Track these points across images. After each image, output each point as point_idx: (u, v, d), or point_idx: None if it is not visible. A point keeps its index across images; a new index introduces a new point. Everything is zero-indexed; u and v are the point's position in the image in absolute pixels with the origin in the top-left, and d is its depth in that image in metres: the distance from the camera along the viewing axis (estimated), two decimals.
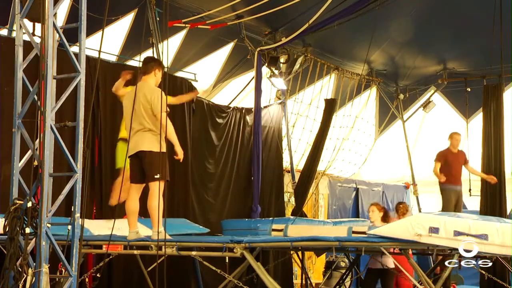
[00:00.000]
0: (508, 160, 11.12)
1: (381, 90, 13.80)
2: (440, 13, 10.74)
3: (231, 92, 11.53)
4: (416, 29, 11.25)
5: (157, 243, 5.46)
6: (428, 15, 10.80)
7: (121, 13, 9.00)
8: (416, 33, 11.41)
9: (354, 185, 13.41)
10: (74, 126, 4.39)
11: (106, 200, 8.00)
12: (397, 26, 11.30)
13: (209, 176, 9.89)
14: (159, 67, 6.15)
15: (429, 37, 11.58)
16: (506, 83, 12.04)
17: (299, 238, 5.84)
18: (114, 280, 7.77)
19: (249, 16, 9.91)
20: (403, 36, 11.69)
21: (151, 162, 5.89)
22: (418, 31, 11.33)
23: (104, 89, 8.15)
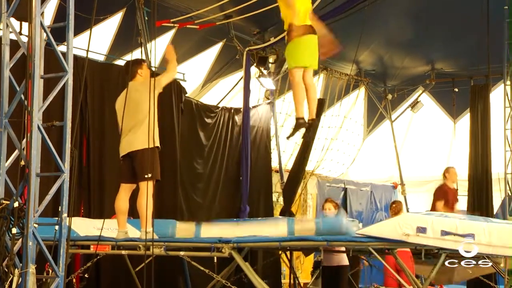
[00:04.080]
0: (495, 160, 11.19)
1: (370, 90, 13.85)
2: (429, 14, 10.80)
3: (220, 92, 11.52)
4: (405, 29, 11.30)
5: (145, 243, 5.45)
6: (417, 16, 10.86)
7: (109, 13, 8.96)
8: (404, 33, 11.46)
9: (343, 185, 13.45)
10: (62, 125, 4.37)
11: (93, 200, 7.99)
12: (385, 26, 11.34)
13: (197, 176, 9.88)
14: (140, 66, 6.17)
15: (417, 38, 11.64)
16: (493, 83, 12.13)
17: (288, 238, 5.85)
18: (102, 281, 7.75)
19: (238, 16, 9.90)
20: (391, 36, 11.74)
21: (142, 161, 5.89)
22: (406, 32, 11.39)
23: (92, 88, 8.13)
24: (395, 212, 9.59)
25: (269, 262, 9.94)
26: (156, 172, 5.96)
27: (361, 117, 14.20)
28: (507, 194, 10.14)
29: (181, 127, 9.38)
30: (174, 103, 9.17)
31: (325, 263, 8.33)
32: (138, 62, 6.36)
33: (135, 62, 6.45)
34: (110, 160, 7.88)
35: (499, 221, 7.36)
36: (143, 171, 5.86)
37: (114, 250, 6.03)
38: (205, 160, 10.01)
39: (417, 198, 14.34)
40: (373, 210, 14.17)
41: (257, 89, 11.43)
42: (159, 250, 5.77)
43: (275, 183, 11.44)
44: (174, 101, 9.18)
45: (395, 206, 10.01)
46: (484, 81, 12.16)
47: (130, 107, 5.82)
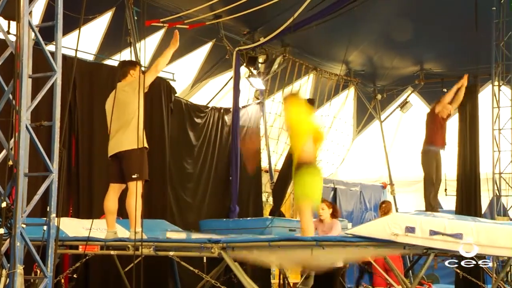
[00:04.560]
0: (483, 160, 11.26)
1: (359, 90, 13.89)
2: (418, 15, 10.85)
3: (210, 92, 11.51)
4: (394, 30, 11.34)
5: (134, 243, 5.43)
6: (406, 16, 10.90)
7: (98, 12, 8.93)
8: (394, 34, 11.50)
9: (332, 185, 13.46)
10: (50, 125, 4.35)
11: (82, 200, 7.96)
12: (375, 27, 11.39)
13: (187, 176, 9.86)
14: (133, 67, 6.16)
15: (406, 39, 11.69)
16: (481, 84, 12.20)
17: (277, 238, 5.85)
18: (91, 281, 7.72)
19: (228, 16, 9.90)
20: (381, 37, 11.78)
21: (129, 162, 5.89)
22: (396, 32, 11.43)
23: (81, 88, 8.10)
24: (385, 212, 9.63)
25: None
26: (145, 172, 5.96)
27: (350, 117, 14.24)
28: (495, 194, 10.20)
29: (171, 127, 9.36)
30: (163, 103, 9.15)
31: None
32: (132, 63, 6.36)
33: (129, 62, 6.45)
34: (99, 160, 7.85)
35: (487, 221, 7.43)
36: (131, 171, 5.86)
37: (103, 251, 6.00)
38: (194, 160, 10.00)
39: (406, 198, 14.40)
40: (362, 210, 14.21)
41: (246, 89, 11.43)
42: (148, 250, 5.76)
43: (264, 183, 11.44)
44: (163, 101, 9.16)
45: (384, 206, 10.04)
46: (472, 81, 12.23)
47: (117, 108, 5.82)
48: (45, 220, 4.30)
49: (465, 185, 11.36)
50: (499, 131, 10.27)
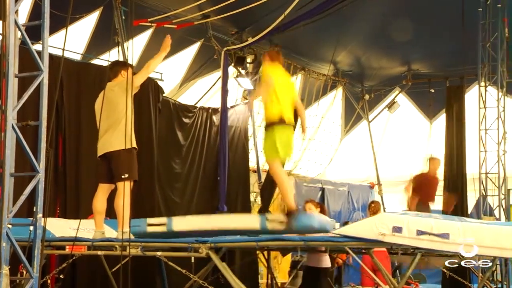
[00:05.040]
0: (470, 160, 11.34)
1: (347, 90, 13.94)
2: (406, 16, 10.90)
3: (198, 92, 11.50)
4: (382, 30, 11.40)
5: (121, 244, 5.41)
6: (394, 17, 10.95)
7: (86, 11, 8.90)
8: (381, 34, 11.55)
9: (320, 185, 13.50)
10: (37, 125, 4.33)
11: (69, 200, 7.92)
12: (363, 27, 11.43)
13: (175, 176, 9.84)
14: (125, 68, 6.13)
15: (394, 39, 11.74)
16: (468, 84, 12.29)
17: (265, 238, 5.85)
18: (78, 281, 7.68)
19: (216, 16, 9.90)
20: (369, 37, 11.83)
21: (119, 162, 5.87)
22: (383, 33, 11.48)
23: (68, 88, 8.06)
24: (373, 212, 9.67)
25: (246, 262, 9.96)
26: (134, 172, 5.94)
27: (338, 117, 14.28)
28: (482, 194, 10.26)
29: (159, 127, 9.33)
30: (151, 103, 9.13)
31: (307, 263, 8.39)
32: (124, 64, 6.33)
33: (121, 63, 6.42)
34: (86, 160, 7.82)
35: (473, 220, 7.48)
36: (120, 171, 5.84)
37: (90, 251, 5.98)
38: (183, 160, 9.99)
39: (394, 198, 14.46)
40: (350, 210, 14.26)
41: (235, 89, 11.43)
42: (136, 251, 5.74)
43: (252, 183, 11.45)
44: (151, 100, 9.13)
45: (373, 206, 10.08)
46: (459, 82, 12.32)
47: (106, 108, 5.80)
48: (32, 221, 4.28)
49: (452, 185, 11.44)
50: (486, 132, 10.33)
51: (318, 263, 8.14)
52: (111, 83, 6.07)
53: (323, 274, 8.20)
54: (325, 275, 8.26)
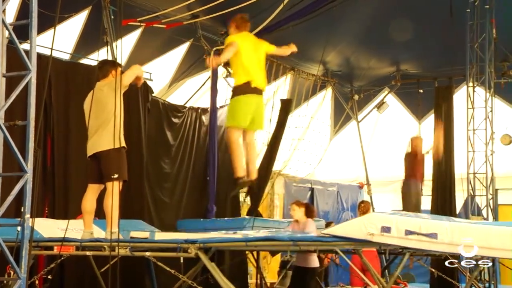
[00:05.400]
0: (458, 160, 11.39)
1: (336, 90, 13.96)
2: (394, 16, 10.94)
3: (187, 92, 11.48)
4: (371, 31, 11.43)
5: (110, 244, 5.39)
6: (383, 17, 10.99)
7: (74, 11, 8.86)
8: (370, 35, 11.59)
9: (310, 185, 13.52)
10: (25, 125, 4.30)
11: (58, 200, 7.88)
12: (352, 27, 11.46)
13: (164, 176, 9.82)
14: (115, 68, 6.10)
15: (383, 39, 11.79)
16: (456, 85, 12.35)
17: (254, 238, 5.86)
18: (66, 282, 7.65)
19: (205, 15, 9.88)
20: (358, 37, 11.86)
21: (108, 162, 5.85)
22: (372, 33, 11.52)
23: (57, 87, 8.02)
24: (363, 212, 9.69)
25: (236, 262, 9.94)
26: (123, 172, 5.92)
27: (328, 118, 14.30)
28: (470, 194, 10.32)
29: (148, 127, 9.31)
30: (140, 102, 9.11)
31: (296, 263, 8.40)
32: (114, 63, 6.30)
33: (110, 62, 6.39)
34: (75, 160, 7.79)
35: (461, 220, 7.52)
36: (109, 171, 5.82)
37: (78, 251, 5.95)
38: (172, 160, 9.97)
39: (383, 197, 14.52)
40: (339, 210, 14.30)
41: (224, 89, 11.41)
42: (125, 251, 5.72)
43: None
44: (140, 100, 9.11)
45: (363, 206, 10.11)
46: (447, 82, 12.38)
47: (95, 107, 5.78)
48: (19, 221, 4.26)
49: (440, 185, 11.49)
50: (474, 132, 10.39)
51: (307, 263, 8.16)
52: (100, 82, 6.05)
53: (311, 274, 8.22)
54: (313, 275, 8.28)
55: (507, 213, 12.02)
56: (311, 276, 8.22)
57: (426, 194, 12.20)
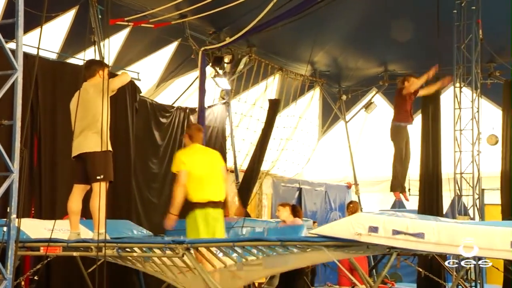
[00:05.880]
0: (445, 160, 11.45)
1: (324, 91, 14.00)
2: (382, 17, 10.98)
3: (175, 92, 11.45)
4: (359, 31, 11.46)
5: (97, 244, 5.37)
6: (371, 18, 11.02)
7: (61, 10, 8.80)
8: (358, 35, 11.62)
9: (298, 185, 13.54)
10: (11, 124, 4.28)
11: (45, 200, 7.83)
12: (340, 28, 11.48)
13: (152, 176, 9.79)
14: (102, 68, 6.08)
15: (371, 40, 11.83)
16: None
17: (242, 238, 5.86)
18: (53, 283, 7.60)
19: (193, 15, 9.86)
20: (346, 38, 11.89)
21: (93, 163, 5.83)
22: (360, 34, 11.55)
23: (43, 87, 7.97)
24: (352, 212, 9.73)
25: None
26: (109, 173, 5.90)
27: (316, 118, 14.34)
28: (456, 194, 10.38)
29: (136, 127, 9.28)
30: (128, 102, 9.07)
31: None
32: (101, 63, 6.27)
33: (98, 61, 6.36)
34: (62, 160, 7.74)
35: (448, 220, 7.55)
36: (95, 172, 5.80)
37: (65, 252, 5.91)
38: (160, 160, 9.93)
39: (371, 197, 14.58)
40: (327, 210, 14.33)
41: (212, 89, 11.41)
42: (112, 252, 5.69)
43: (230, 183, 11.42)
44: (128, 100, 9.07)
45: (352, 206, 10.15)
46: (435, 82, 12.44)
47: (82, 108, 5.75)
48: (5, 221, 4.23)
49: (428, 185, 11.56)
50: (460, 132, 10.45)
51: None
52: (86, 83, 6.01)
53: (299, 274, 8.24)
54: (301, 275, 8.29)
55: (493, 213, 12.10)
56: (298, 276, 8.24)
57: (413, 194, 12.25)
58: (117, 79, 6.11)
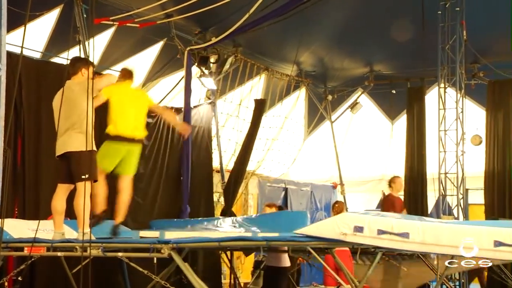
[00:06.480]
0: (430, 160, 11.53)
1: (310, 91, 14.02)
2: (368, 17, 11.03)
3: (161, 92, 11.41)
4: (345, 31, 11.50)
5: (82, 245, 5.33)
6: (356, 19, 11.07)
7: (46, 8, 8.74)
8: (344, 35, 11.66)
9: (283, 185, 13.56)
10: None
11: (28, 201, 7.77)
12: (325, 28, 11.51)
13: (138, 176, 9.67)
14: (86, 66, 6.03)
15: (356, 40, 11.87)
16: (428, 86, 12.50)
17: (227, 238, 5.85)
18: (37, 283, 7.54)
19: (179, 15, 9.83)
20: (332, 38, 11.92)
21: (78, 162, 5.79)
22: (346, 34, 11.59)
23: (27, 86, 7.91)
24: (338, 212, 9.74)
25: (209, 262, 9.92)
26: (94, 172, 5.87)
27: (301, 118, 14.36)
28: (441, 194, 10.45)
29: None
30: None
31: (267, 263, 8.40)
32: (86, 61, 6.22)
33: (83, 59, 6.32)
34: (46, 159, 7.68)
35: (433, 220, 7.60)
36: (79, 172, 5.76)
37: (49, 252, 5.87)
38: (145, 160, 9.88)
39: (356, 197, 14.63)
40: (313, 209, 14.35)
41: (198, 89, 11.38)
42: (97, 251, 5.66)
43: (216, 183, 11.43)
44: None
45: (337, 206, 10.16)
46: (420, 83, 12.53)
47: (66, 107, 5.70)
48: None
49: (412, 185, 11.64)
50: (445, 132, 10.52)
51: (278, 263, 8.18)
52: (70, 81, 5.97)
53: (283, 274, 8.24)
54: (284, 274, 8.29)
55: (477, 212, 12.20)
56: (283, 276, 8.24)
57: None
58: (103, 80, 6.07)
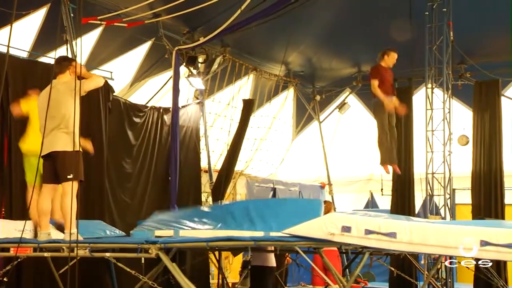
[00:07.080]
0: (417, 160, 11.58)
1: (298, 91, 14.04)
2: (356, 17, 11.06)
3: (149, 91, 11.39)
4: (333, 32, 11.53)
5: (69, 245, 5.31)
6: (344, 18, 11.09)
7: (32, 8, 8.69)
8: (332, 36, 11.69)
9: (272, 185, 13.57)
10: None
11: (15, 201, 7.72)
12: (314, 28, 11.53)
13: (126, 176, 9.72)
14: (73, 65, 6.00)
15: (344, 40, 11.90)
16: (416, 86, 12.56)
17: (215, 238, 5.84)
18: (23, 284, 7.50)
19: (167, 15, 9.81)
20: (320, 38, 11.95)
21: (64, 162, 5.77)
22: (334, 34, 11.61)
23: (14, 85, 7.86)
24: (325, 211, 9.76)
25: (197, 262, 9.91)
26: (80, 172, 5.84)
27: (290, 118, 14.38)
28: (428, 194, 10.50)
29: (109, 127, 9.20)
30: (101, 102, 8.99)
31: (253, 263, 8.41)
32: (71, 60, 6.19)
33: (68, 59, 6.29)
34: None
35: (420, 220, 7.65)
36: (65, 172, 5.74)
37: (36, 253, 5.84)
38: (133, 160, 9.87)
39: (344, 197, 14.67)
40: None
41: (186, 88, 11.37)
42: (84, 252, 5.64)
43: (204, 183, 11.42)
44: (101, 100, 8.99)
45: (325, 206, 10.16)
46: (407, 83, 12.58)
47: (51, 106, 5.67)
48: None
49: (400, 185, 11.68)
50: (432, 132, 10.58)
51: (264, 262, 8.19)
52: (56, 80, 5.93)
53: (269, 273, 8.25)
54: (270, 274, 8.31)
55: (464, 212, 12.28)
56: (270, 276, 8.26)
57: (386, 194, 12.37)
58: (91, 82, 6.03)
